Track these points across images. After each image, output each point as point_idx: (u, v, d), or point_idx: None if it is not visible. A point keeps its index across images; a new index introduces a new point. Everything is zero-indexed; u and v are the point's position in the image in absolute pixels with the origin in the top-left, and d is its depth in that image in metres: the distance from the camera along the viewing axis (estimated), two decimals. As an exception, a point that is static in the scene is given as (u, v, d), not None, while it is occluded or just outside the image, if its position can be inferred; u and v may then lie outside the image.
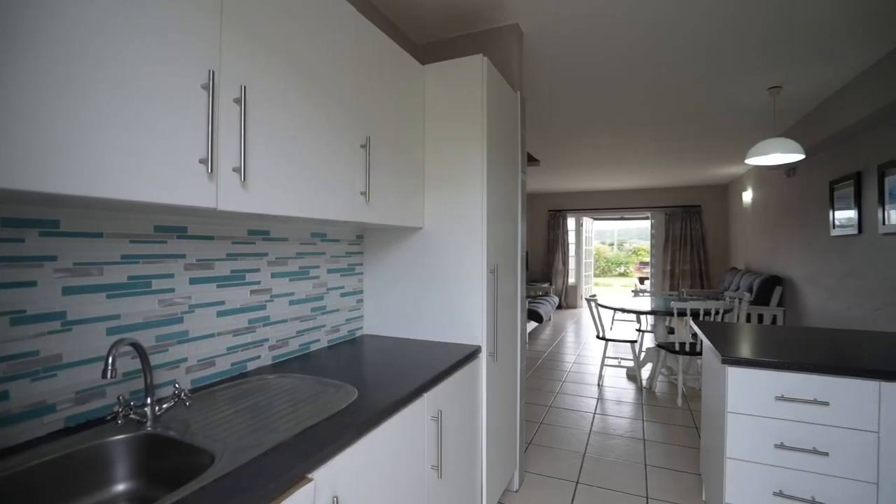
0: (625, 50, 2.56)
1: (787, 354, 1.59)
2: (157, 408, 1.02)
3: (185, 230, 1.25)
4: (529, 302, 6.36)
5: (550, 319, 7.41)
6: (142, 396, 1.13)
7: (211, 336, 1.33)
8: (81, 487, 0.89)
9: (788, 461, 1.52)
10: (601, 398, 3.59)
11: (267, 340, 1.54)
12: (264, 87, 1.08)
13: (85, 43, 0.73)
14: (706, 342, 1.92)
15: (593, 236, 10.30)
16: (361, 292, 2.02)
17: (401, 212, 1.71)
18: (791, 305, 4.69)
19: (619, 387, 3.87)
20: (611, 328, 5.84)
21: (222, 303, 1.37)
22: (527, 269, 4.43)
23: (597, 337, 4.08)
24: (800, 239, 4.56)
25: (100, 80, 0.75)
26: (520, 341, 2.26)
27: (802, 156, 3.05)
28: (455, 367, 1.55)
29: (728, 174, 6.78)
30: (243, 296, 1.44)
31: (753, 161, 3.18)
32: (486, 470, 1.80)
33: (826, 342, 1.79)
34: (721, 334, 1.93)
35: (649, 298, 4.79)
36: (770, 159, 3.16)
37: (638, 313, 3.86)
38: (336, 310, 1.87)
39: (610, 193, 8.62)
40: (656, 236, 8.34)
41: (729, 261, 7.64)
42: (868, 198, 3.29)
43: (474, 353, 1.73)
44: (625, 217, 9.26)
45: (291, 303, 1.64)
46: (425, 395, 1.34)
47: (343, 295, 1.91)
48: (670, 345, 3.58)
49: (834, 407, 1.47)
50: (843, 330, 2.04)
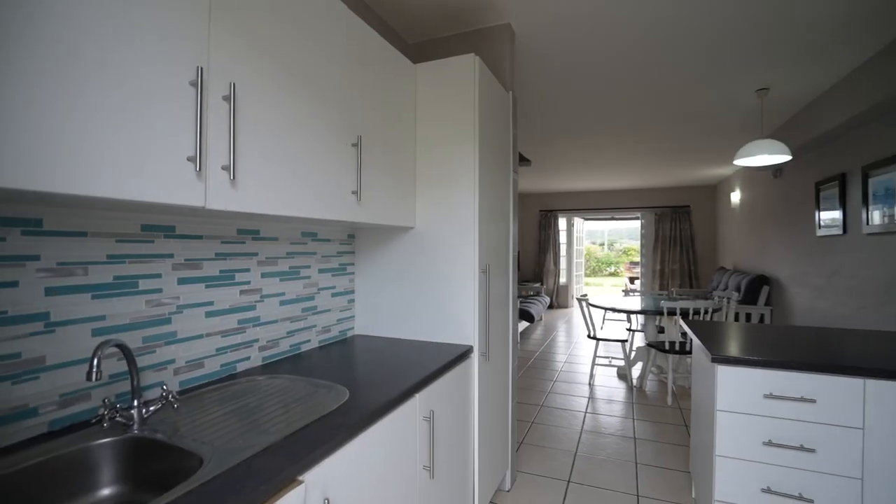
0: (616, 51, 2.58)
1: (776, 353, 1.61)
2: (144, 410, 1.00)
3: (173, 229, 1.23)
4: (521, 302, 6.38)
5: (542, 319, 7.44)
6: (128, 399, 1.11)
7: (200, 337, 1.31)
8: (65, 492, 0.87)
9: (776, 458, 1.54)
10: (592, 397, 3.61)
11: (257, 341, 1.52)
12: (254, 85, 1.07)
13: (65, 37, 0.71)
14: (696, 341, 1.94)
15: (584, 236, 10.38)
16: (353, 292, 2.01)
17: (392, 211, 1.70)
18: (778, 304, 4.76)
19: (610, 386, 3.90)
20: (601, 328, 5.88)
21: (211, 303, 1.35)
22: (518, 269, 4.44)
23: (588, 336, 4.10)
24: (786, 239, 4.62)
25: (84, 77, 0.73)
26: (511, 341, 2.27)
27: (789, 157, 3.10)
28: (447, 368, 1.55)
29: (716, 175, 6.87)
30: (233, 296, 1.42)
31: (741, 162, 3.22)
32: (478, 470, 1.80)
33: (813, 340, 1.82)
34: (710, 333, 1.95)
35: (639, 298, 4.83)
36: (757, 160, 3.20)
37: (628, 313, 3.89)
38: (327, 310, 1.85)
39: (600, 194, 8.69)
40: (646, 236, 8.42)
41: (717, 261, 7.74)
42: (852, 199, 3.35)
43: (466, 353, 1.73)
44: (615, 217, 9.33)
45: (282, 303, 1.63)
46: (417, 396, 1.34)
47: (334, 295, 1.90)
48: (660, 344, 3.61)
49: (820, 404, 1.49)
50: (829, 328, 2.07)
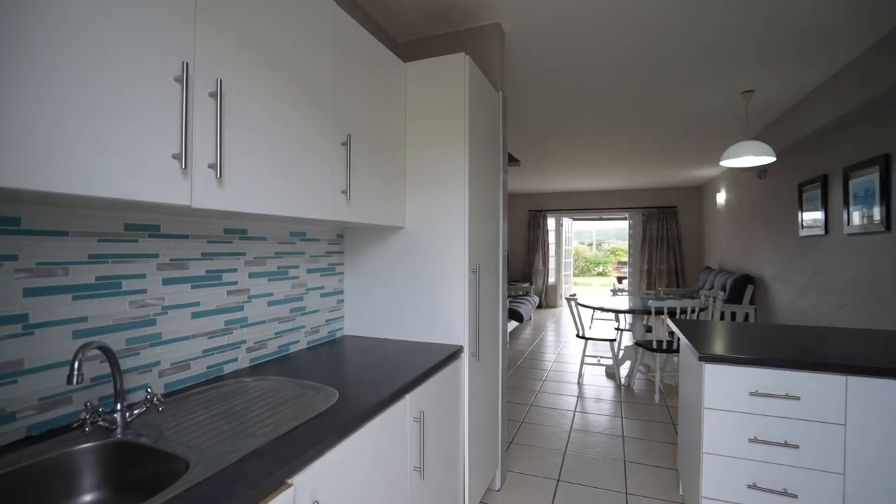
0: (605, 54, 2.59)
1: (761, 351, 1.64)
2: (128, 414, 0.98)
3: (158, 228, 1.21)
4: (510, 301, 6.40)
5: (531, 319, 7.48)
6: (111, 402, 1.08)
7: (185, 338, 1.29)
8: (44, 500, 0.85)
9: (761, 455, 1.56)
10: (581, 396, 3.63)
11: (244, 342, 1.50)
12: (241, 82, 1.05)
13: (41, 26, 0.69)
14: (683, 340, 1.96)
15: (573, 236, 10.45)
16: (342, 292, 1.99)
17: (382, 211, 1.69)
18: (762, 303, 4.84)
19: (599, 385, 3.93)
20: (590, 327, 5.92)
21: (197, 304, 1.32)
22: (507, 269, 4.45)
23: (576, 336, 4.13)
24: (770, 239, 4.71)
25: (58, 70, 0.71)
26: (501, 341, 2.27)
27: (773, 158, 3.15)
28: (437, 368, 1.54)
29: (703, 176, 6.97)
30: (219, 296, 1.40)
31: (727, 163, 3.27)
32: (469, 470, 1.80)
33: (796, 339, 1.85)
34: (697, 332, 1.97)
35: (627, 297, 4.88)
36: (743, 161, 3.26)
37: (617, 312, 3.93)
38: (316, 310, 1.83)
39: (589, 194, 8.76)
40: (634, 236, 8.51)
41: (703, 260, 7.85)
42: (834, 200, 3.43)
43: (456, 353, 1.72)
44: (603, 217, 9.42)
45: (270, 303, 1.60)
46: (407, 396, 1.33)
47: (323, 295, 1.88)
48: (648, 343, 3.65)
49: (804, 401, 1.52)
50: (812, 326, 2.11)
